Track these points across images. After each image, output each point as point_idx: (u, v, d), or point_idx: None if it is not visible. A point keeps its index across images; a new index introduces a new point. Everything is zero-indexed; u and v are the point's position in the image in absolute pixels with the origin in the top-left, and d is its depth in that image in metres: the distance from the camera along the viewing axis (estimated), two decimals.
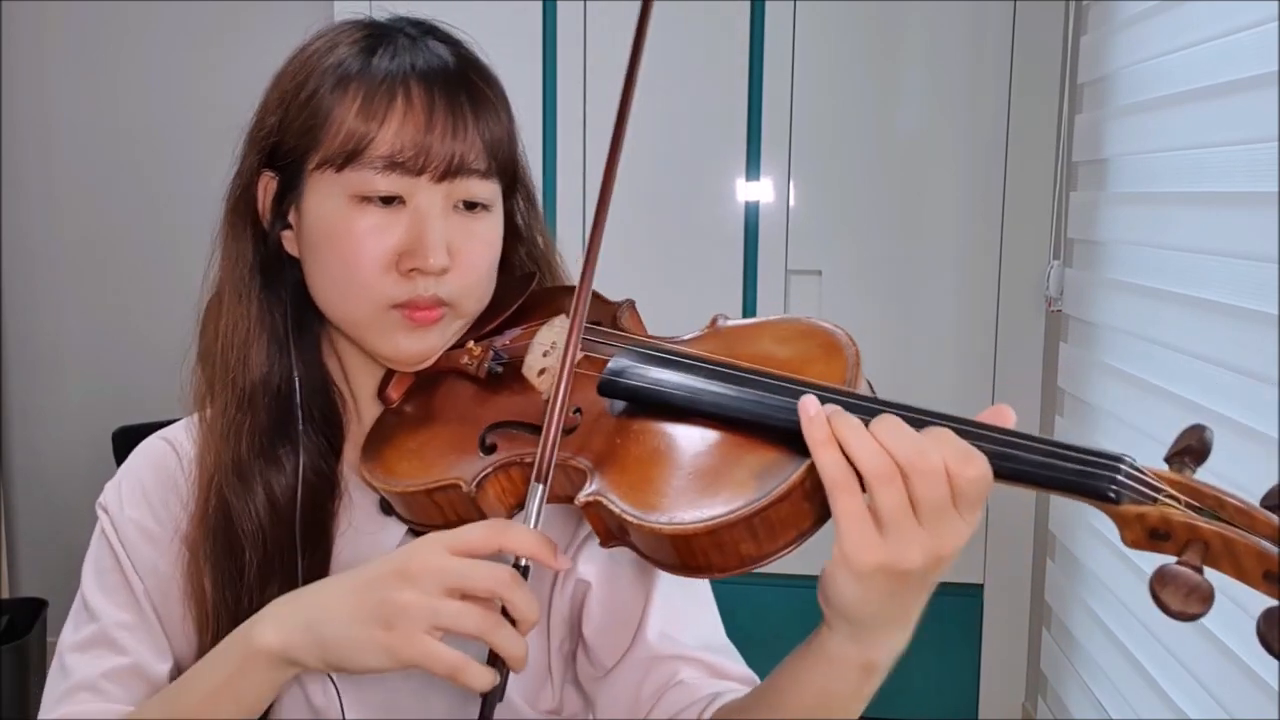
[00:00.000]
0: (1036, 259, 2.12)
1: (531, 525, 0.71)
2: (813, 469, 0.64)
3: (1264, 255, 1.24)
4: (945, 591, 0.69)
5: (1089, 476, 0.61)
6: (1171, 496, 0.60)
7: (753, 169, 2.20)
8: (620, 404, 0.77)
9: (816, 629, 0.70)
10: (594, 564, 0.88)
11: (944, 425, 0.63)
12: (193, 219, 2.93)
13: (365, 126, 0.78)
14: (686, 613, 0.88)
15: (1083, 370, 1.88)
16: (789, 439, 0.67)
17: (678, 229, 2.19)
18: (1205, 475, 0.64)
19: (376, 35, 0.83)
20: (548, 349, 0.83)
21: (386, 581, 0.67)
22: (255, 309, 0.85)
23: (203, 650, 0.83)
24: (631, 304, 0.87)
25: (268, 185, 0.85)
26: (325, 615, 0.70)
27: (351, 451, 0.88)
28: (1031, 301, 2.15)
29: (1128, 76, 1.72)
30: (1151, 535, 0.60)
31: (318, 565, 0.84)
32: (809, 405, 0.63)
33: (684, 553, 0.67)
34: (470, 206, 0.82)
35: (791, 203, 2.20)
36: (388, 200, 0.79)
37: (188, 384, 0.89)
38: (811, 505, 0.66)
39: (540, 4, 2.17)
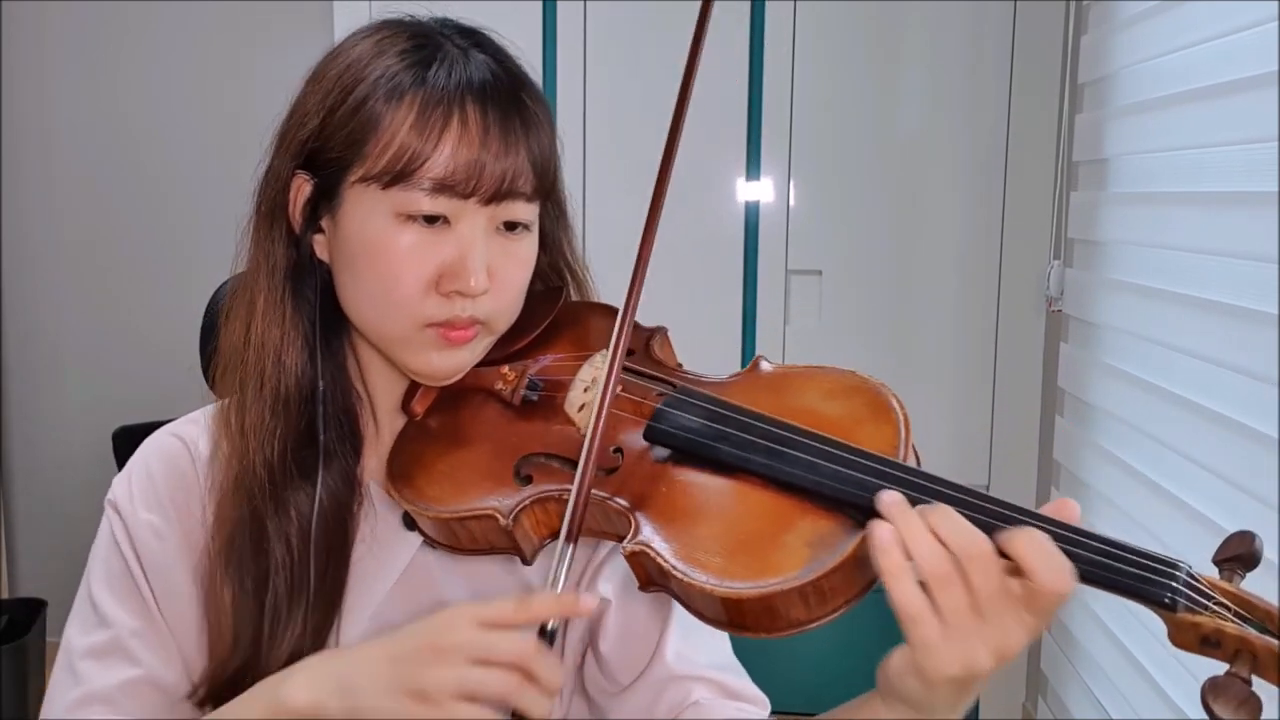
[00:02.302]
0: (1036, 259, 2.12)
1: (559, 589, 0.71)
2: (866, 541, 0.66)
3: (1264, 255, 1.24)
4: None
5: (1147, 582, 0.62)
6: (1223, 605, 0.62)
7: (753, 169, 2.20)
8: (665, 450, 0.77)
9: (869, 696, 0.71)
10: (613, 582, 0.88)
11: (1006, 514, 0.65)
12: (193, 219, 2.94)
13: (419, 145, 0.77)
14: (701, 632, 0.89)
15: (1083, 370, 1.88)
16: (842, 507, 0.69)
17: (677, 228, 2.19)
18: (1205, 470, 0.64)
19: (426, 44, 0.81)
20: (588, 385, 0.82)
21: (419, 655, 0.68)
22: (289, 313, 0.83)
23: (215, 655, 0.83)
24: (664, 331, 0.88)
25: (301, 188, 0.83)
26: (358, 682, 0.70)
27: (369, 459, 0.88)
28: (1031, 301, 2.15)
29: (1128, 76, 1.72)
30: (1203, 643, 0.62)
31: (338, 575, 0.84)
32: (882, 535, 0.64)
33: (733, 613, 0.68)
34: (511, 227, 0.82)
35: (791, 203, 2.20)
36: (431, 220, 0.78)
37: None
38: (862, 574, 0.68)
39: (540, 4, 2.17)
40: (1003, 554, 0.63)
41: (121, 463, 0.92)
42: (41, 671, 2.33)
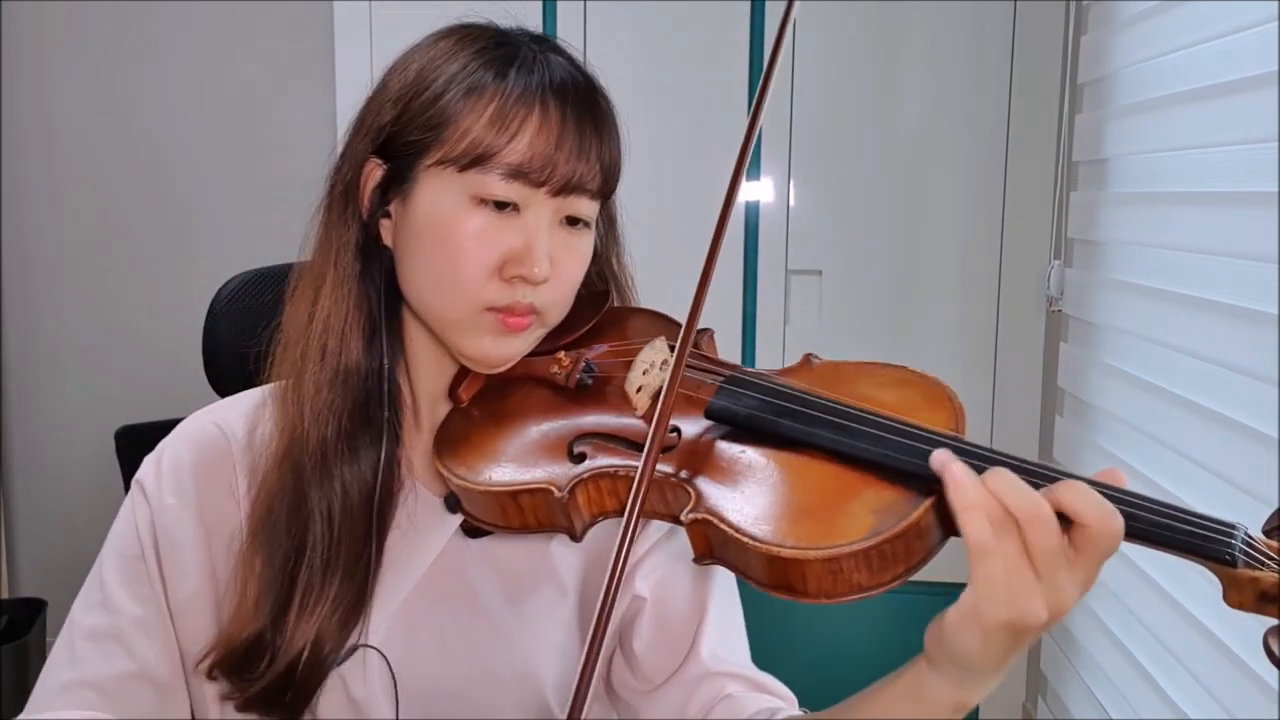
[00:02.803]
0: (1036, 259, 2.12)
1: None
2: (930, 510, 0.67)
3: (1264, 255, 1.24)
4: (946, 592, 0.70)
5: (1210, 541, 0.64)
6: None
7: (753, 169, 2.20)
8: (721, 428, 0.78)
9: (912, 663, 0.72)
10: (649, 581, 0.89)
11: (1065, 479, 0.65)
12: (193, 219, 2.93)
13: (499, 133, 0.79)
14: (734, 633, 0.90)
15: (1083, 370, 1.88)
16: (905, 479, 0.70)
17: (677, 228, 2.19)
18: (1205, 470, 0.65)
19: (505, 44, 0.84)
20: (648, 367, 0.84)
21: None
22: (355, 292, 0.86)
23: (235, 623, 0.83)
24: (711, 333, 0.90)
25: (372, 173, 0.85)
26: None
27: (409, 449, 0.89)
28: (1031, 301, 2.15)
29: (1128, 76, 1.72)
30: (1261, 598, 0.64)
31: (374, 557, 0.85)
32: (957, 471, 0.65)
33: (796, 577, 0.68)
34: (573, 222, 0.84)
35: (791, 203, 2.20)
36: (501, 206, 0.81)
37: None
38: (923, 543, 0.69)
39: (540, 4, 2.18)
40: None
41: (123, 463, 0.93)
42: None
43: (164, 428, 0.93)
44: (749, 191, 2.21)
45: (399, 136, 0.83)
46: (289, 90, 2.48)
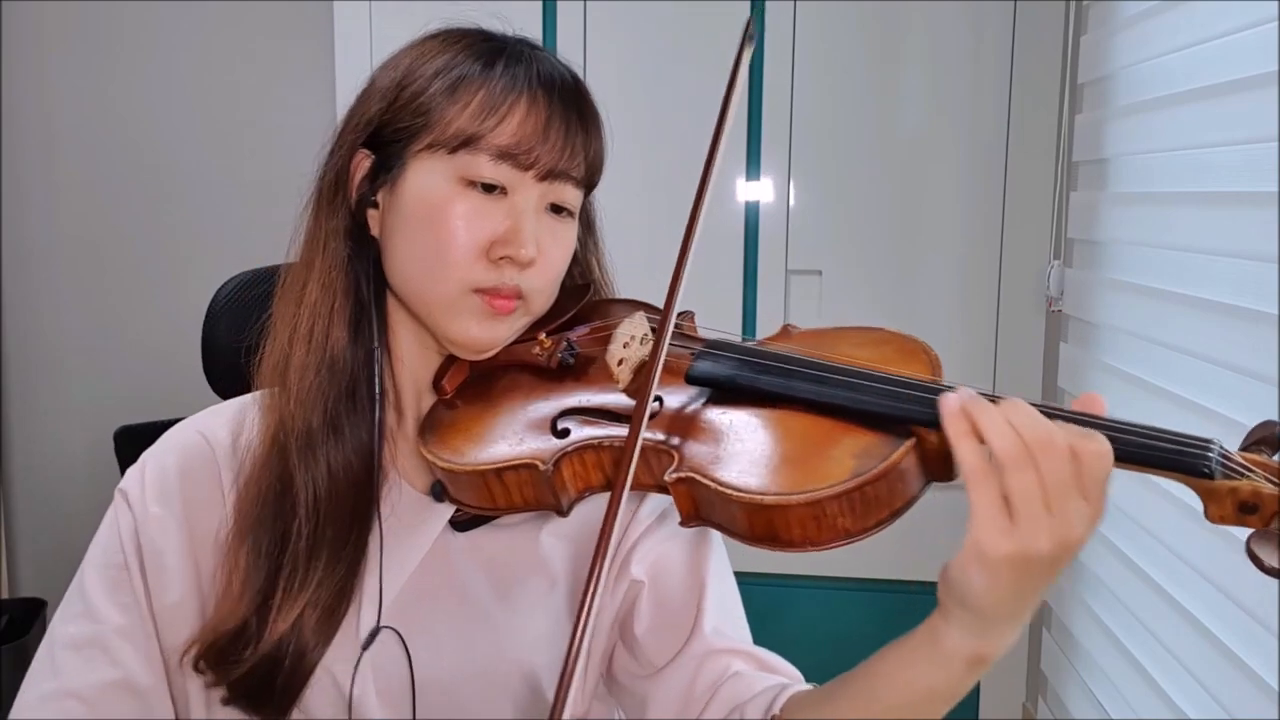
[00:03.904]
0: (1036, 259, 2.12)
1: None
2: (911, 451, 0.68)
3: (1264, 255, 1.24)
4: None
5: (1187, 455, 0.66)
6: (1257, 475, 0.65)
7: (753, 169, 2.20)
8: (702, 394, 0.80)
9: (926, 620, 0.71)
10: (645, 564, 0.90)
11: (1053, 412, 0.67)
12: (193, 219, 2.92)
13: (488, 117, 0.82)
14: (734, 611, 0.91)
15: (1083, 370, 1.88)
16: (884, 424, 0.71)
17: (678, 229, 2.19)
18: None
19: (493, 39, 0.87)
20: (628, 341, 0.85)
21: None
22: (342, 279, 0.87)
23: (219, 613, 0.83)
24: (692, 314, 0.91)
25: (361, 164, 0.87)
26: None
27: (391, 443, 0.89)
28: (1031, 301, 2.15)
29: (1128, 76, 1.72)
30: (1241, 509, 0.65)
31: (359, 546, 0.85)
32: (950, 401, 0.66)
33: (780, 525, 0.69)
34: (557, 210, 0.86)
35: (791, 203, 2.20)
36: (489, 188, 0.82)
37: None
38: (905, 485, 0.69)
39: (540, 4, 2.17)
40: None
41: (123, 462, 0.93)
42: None
43: (163, 428, 0.94)
44: (749, 191, 2.21)
45: (388, 126, 0.85)
46: (289, 90, 2.47)
